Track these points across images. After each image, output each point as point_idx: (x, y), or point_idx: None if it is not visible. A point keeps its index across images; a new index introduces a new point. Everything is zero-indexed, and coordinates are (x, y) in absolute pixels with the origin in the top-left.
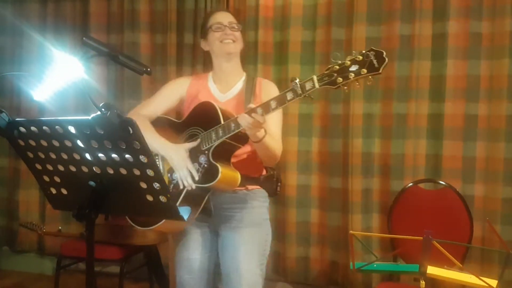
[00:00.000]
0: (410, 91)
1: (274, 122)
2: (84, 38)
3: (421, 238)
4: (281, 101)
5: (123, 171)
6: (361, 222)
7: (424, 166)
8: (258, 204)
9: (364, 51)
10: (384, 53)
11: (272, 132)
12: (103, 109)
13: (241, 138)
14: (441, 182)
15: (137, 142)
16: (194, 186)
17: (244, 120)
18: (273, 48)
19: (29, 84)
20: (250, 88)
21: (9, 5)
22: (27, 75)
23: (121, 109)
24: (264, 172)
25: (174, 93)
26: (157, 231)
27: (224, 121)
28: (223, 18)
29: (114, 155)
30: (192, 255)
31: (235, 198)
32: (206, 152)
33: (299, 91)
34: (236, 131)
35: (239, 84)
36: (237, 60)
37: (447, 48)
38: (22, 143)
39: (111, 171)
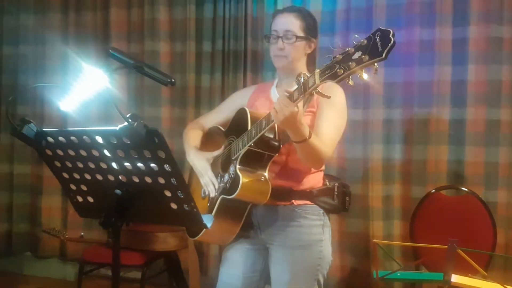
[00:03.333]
0: (431, 96)
1: (326, 121)
2: (110, 50)
3: (446, 246)
4: (290, 98)
5: (148, 179)
6: (382, 229)
7: (445, 172)
8: (307, 223)
9: (371, 32)
10: (391, 32)
11: (321, 132)
12: (130, 120)
13: (271, 146)
14: (463, 188)
15: (162, 152)
16: (213, 193)
17: (278, 103)
18: None
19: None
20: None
21: (31, 15)
22: (54, 86)
23: (142, 117)
24: (319, 185)
25: (235, 103)
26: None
27: (251, 125)
28: (281, 24)
29: (139, 164)
30: (235, 270)
31: (279, 214)
32: (235, 161)
33: (301, 90)
34: (260, 133)
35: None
36: (296, 67)
37: (468, 53)
38: (49, 152)
39: (136, 180)
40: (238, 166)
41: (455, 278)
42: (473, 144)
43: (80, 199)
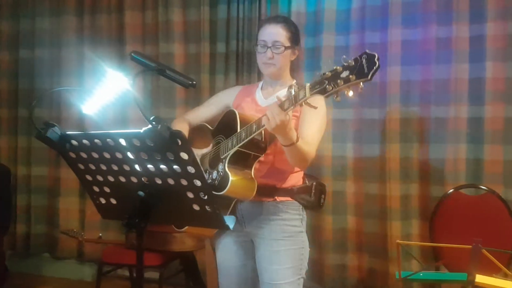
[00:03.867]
0: (449, 94)
1: (309, 125)
2: (132, 54)
3: (470, 246)
4: (281, 107)
5: (170, 181)
6: (400, 229)
7: (464, 171)
8: (289, 217)
9: (358, 55)
10: (376, 56)
11: (306, 135)
12: (153, 122)
13: (259, 147)
14: (482, 187)
15: (185, 154)
16: None
17: (270, 111)
18: (304, 55)
19: (73, 97)
20: None
21: (46, 19)
22: (75, 90)
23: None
24: (299, 183)
25: (221, 101)
26: (193, 236)
27: (240, 127)
28: (269, 35)
29: (162, 166)
30: (227, 262)
31: (263, 210)
32: (224, 160)
33: (293, 101)
34: (250, 137)
35: (284, 91)
36: (282, 74)
37: (486, 50)
38: (73, 155)
39: (159, 181)
40: (227, 165)
41: (478, 278)
42: (491, 142)
43: (103, 201)
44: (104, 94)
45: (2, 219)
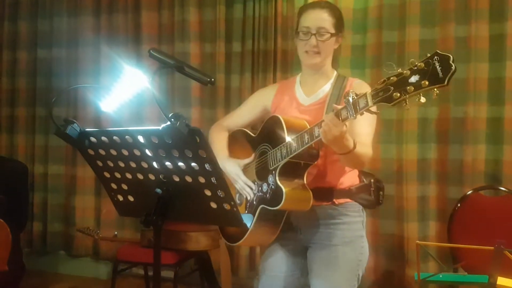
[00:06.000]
0: (468, 94)
1: (361, 123)
2: (150, 51)
3: (492, 248)
4: (337, 116)
5: (188, 178)
6: (417, 231)
7: (483, 172)
8: (349, 220)
9: (428, 56)
10: (451, 57)
11: (359, 136)
12: (172, 119)
13: (311, 155)
14: (502, 188)
15: (203, 151)
16: (250, 196)
17: (326, 123)
18: None
19: (90, 95)
20: (338, 90)
21: (64, 19)
22: (93, 87)
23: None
24: (356, 182)
25: (258, 104)
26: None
27: (289, 136)
28: (313, 21)
29: (180, 163)
30: (274, 271)
31: (321, 214)
32: (273, 172)
33: (352, 111)
34: (302, 148)
35: (327, 86)
36: (325, 63)
37: (506, 49)
38: (92, 152)
39: (177, 179)
40: (278, 177)
41: (500, 281)
42: (511, 143)
43: (120, 198)
44: (122, 92)
45: (20, 216)
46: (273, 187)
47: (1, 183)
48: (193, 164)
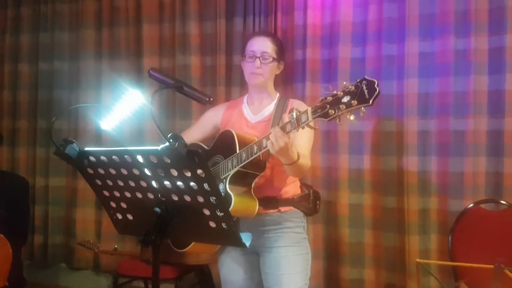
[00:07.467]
0: (468, 107)
1: (300, 137)
2: (150, 71)
3: (492, 266)
4: (283, 130)
5: (187, 198)
6: (418, 244)
7: (484, 185)
8: (293, 225)
9: (357, 81)
10: (376, 82)
11: (300, 148)
12: (171, 140)
13: (259, 166)
14: (503, 202)
15: (201, 171)
16: None
17: (273, 135)
18: (320, 65)
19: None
20: (280, 110)
21: (66, 32)
22: (95, 106)
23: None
24: (298, 192)
25: (209, 122)
26: (199, 253)
27: (240, 149)
28: (258, 46)
29: (179, 183)
30: (233, 277)
31: (268, 221)
32: (224, 180)
33: (295, 124)
34: (251, 158)
35: (271, 106)
36: (267, 85)
37: (505, 62)
38: (91, 171)
39: (175, 198)
40: (228, 185)
41: None
42: (511, 156)
43: (119, 216)
44: (122, 110)
45: (21, 230)
46: (223, 193)
47: (2, 198)
48: (191, 183)
